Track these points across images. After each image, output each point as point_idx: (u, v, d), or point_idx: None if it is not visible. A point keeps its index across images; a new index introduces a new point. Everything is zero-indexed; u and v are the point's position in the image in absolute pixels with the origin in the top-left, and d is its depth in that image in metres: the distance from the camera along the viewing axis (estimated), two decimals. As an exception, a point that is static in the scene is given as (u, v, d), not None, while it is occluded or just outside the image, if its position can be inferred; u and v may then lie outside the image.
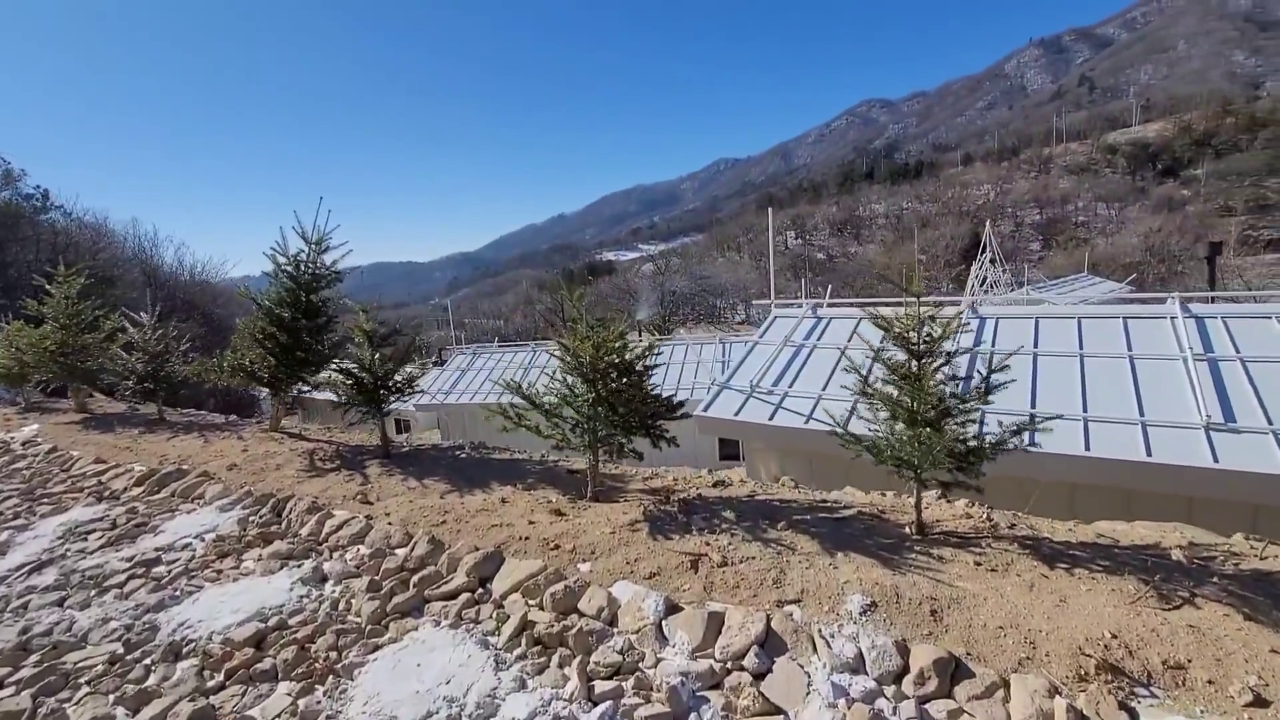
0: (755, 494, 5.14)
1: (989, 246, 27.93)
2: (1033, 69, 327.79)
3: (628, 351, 4.43)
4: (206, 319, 20.26)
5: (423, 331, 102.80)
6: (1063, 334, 6.83)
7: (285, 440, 7.64)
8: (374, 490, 5.42)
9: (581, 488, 5.03)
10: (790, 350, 8.00)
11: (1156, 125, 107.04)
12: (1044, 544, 3.81)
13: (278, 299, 6.59)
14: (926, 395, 3.74)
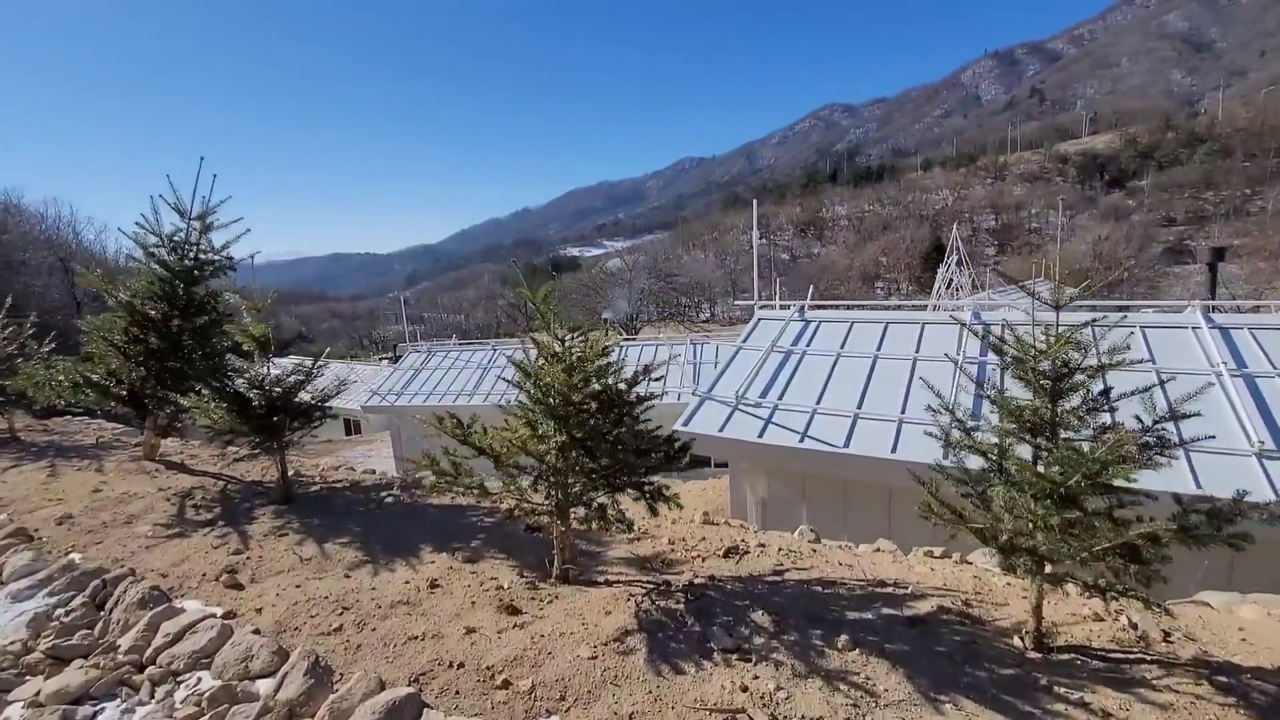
0: (783, 570, 4.02)
1: (955, 250, 27.94)
2: (987, 79, 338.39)
3: (615, 373, 3.38)
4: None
5: (379, 325, 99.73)
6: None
7: (160, 473, 6.05)
8: (252, 563, 4.00)
9: (545, 557, 3.89)
10: (778, 357, 7.25)
11: (1104, 137, 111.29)
12: (1237, 675, 2.68)
13: (145, 291, 5.08)
14: (1078, 460, 2.53)
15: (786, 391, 6.61)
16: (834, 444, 5.69)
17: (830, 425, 5.96)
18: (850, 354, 6.98)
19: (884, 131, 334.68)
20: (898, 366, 6.58)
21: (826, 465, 5.72)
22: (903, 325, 7.29)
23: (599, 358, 3.32)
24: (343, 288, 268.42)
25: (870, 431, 5.77)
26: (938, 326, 7.10)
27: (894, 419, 5.81)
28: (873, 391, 6.27)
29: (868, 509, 5.86)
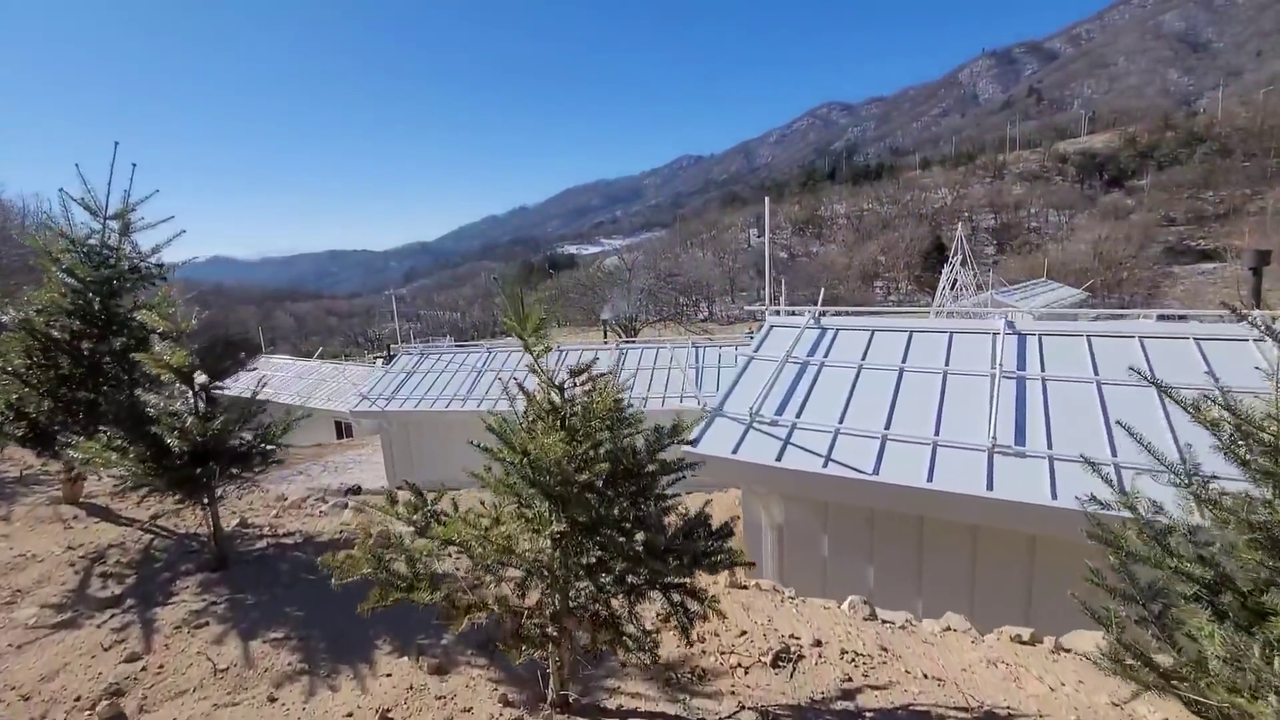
0: (854, 688, 3.14)
1: (960, 249, 27.43)
2: (985, 79, 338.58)
3: (633, 428, 2.61)
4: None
5: (375, 323, 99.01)
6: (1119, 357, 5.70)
7: (77, 523, 5.03)
8: (148, 677, 3.06)
9: (539, 668, 2.92)
10: (794, 369, 6.67)
11: (1103, 137, 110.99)
12: None
13: (52, 306, 4.17)
14: None
15: (805, 408, 6.04)
16: (861, 469, 5.12)
17: (855, 447, 5.40)
18: (873, 366, 6.41)
19: (882, 130, 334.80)
20: (927, 381, 6.01)
21: (852, 492, 5.16)
22: (929, 335, 6.72)
23: (611, 413, 2.55)
24: (339, 285, 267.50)
25: (901, 455, 5.21)
26: (969, 336, 6.54)
27: (927, 441, 5.25)
28: (901, 409, 5.71)
29: (897, 540, 5.30)
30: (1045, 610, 4.76)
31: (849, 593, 5.71)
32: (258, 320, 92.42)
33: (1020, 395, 5.53)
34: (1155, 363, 5.53)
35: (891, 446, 5.33)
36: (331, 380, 25.44)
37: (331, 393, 24.66)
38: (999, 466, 4.85)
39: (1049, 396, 5.44)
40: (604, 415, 2.45)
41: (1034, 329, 6.40)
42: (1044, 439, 4.99)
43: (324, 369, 28.81)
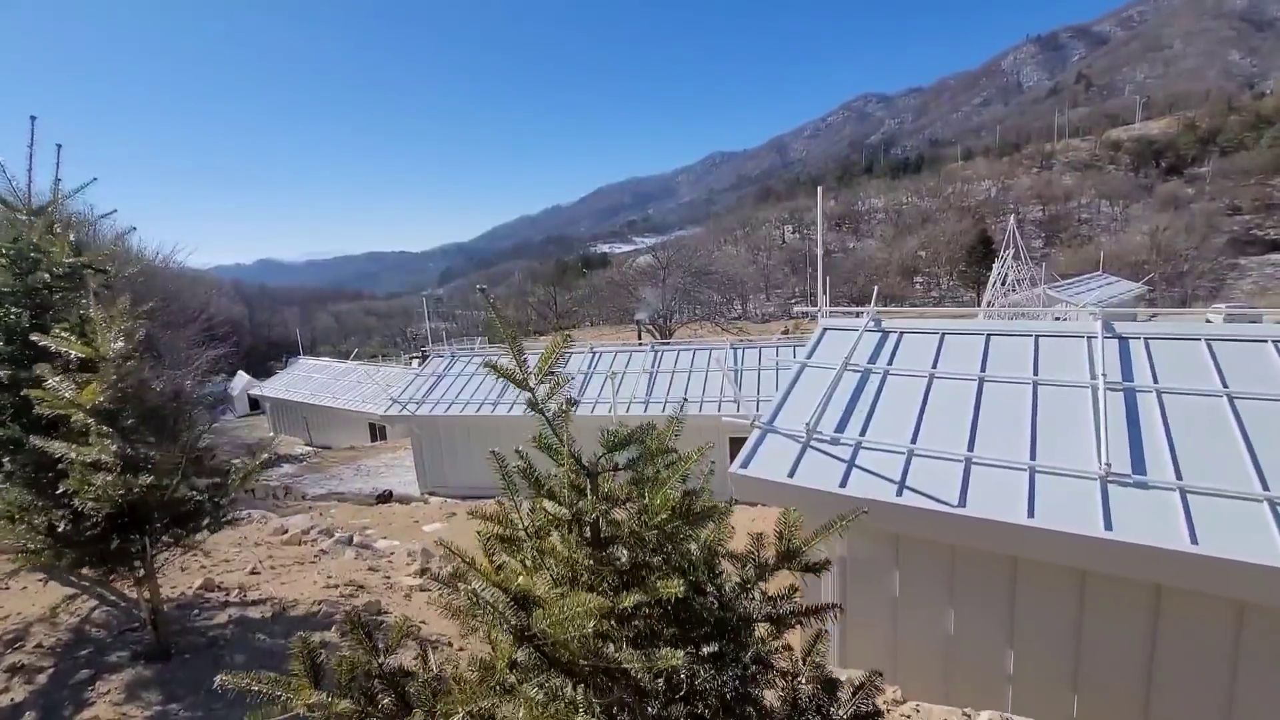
0: None
1: (1012, 242, 25.95)
2: (1029, 66, 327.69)
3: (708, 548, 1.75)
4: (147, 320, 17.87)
5: (412, 323, 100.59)
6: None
7: (14, 583, 4.26)
8: None
9: None
10: (854, 378, 5.93)
11: (1160, 123, 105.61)
12: None
13: None
14: None
15: (870, 424, 5.30)
16: (944, 500, 4.37)
17: (933, 472, 4.65)
18: (946, 375, 5.63)
19: (920, 122, 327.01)
20: (1013, 393, 5.21)
21: (931, 527, 4.42)
22: (1010, 338, 5.90)
23: (678, 517, 1.58)
24: (379, 285, 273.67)
25: (990, 483, 4.44)
26: (1058, 340, 5.70)
27: (1022, 466, 4.47)
28: (985, 427, 4.93)
29: (983, 581, 4.54)
30: (1172, 674, 3.97)
31: (922, 637, 4.99)
32: (299, 321, 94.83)
33: (1131, 411, 4.70)
34: None
35: (978, 472, 4.56)
36: (367, 382, 25.44)
37: (366, 394, 24.63)
38: (1115, 499, 4.06)
39: (1167, 413, 4.59)
40: (662, 515, 1.53)
41: (1137, 331, 5.53)
42: (1170, 466, 4.16)
43: (359, 370, 28.89)
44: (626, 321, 40.93)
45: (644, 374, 14.71)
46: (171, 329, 20.89)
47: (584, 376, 15.03)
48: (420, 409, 15.30)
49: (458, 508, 12.08)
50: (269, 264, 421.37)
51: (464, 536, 7.99)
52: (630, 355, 15.74)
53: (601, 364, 15.43)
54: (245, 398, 37.69)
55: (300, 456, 22.00)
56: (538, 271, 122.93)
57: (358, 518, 10.69)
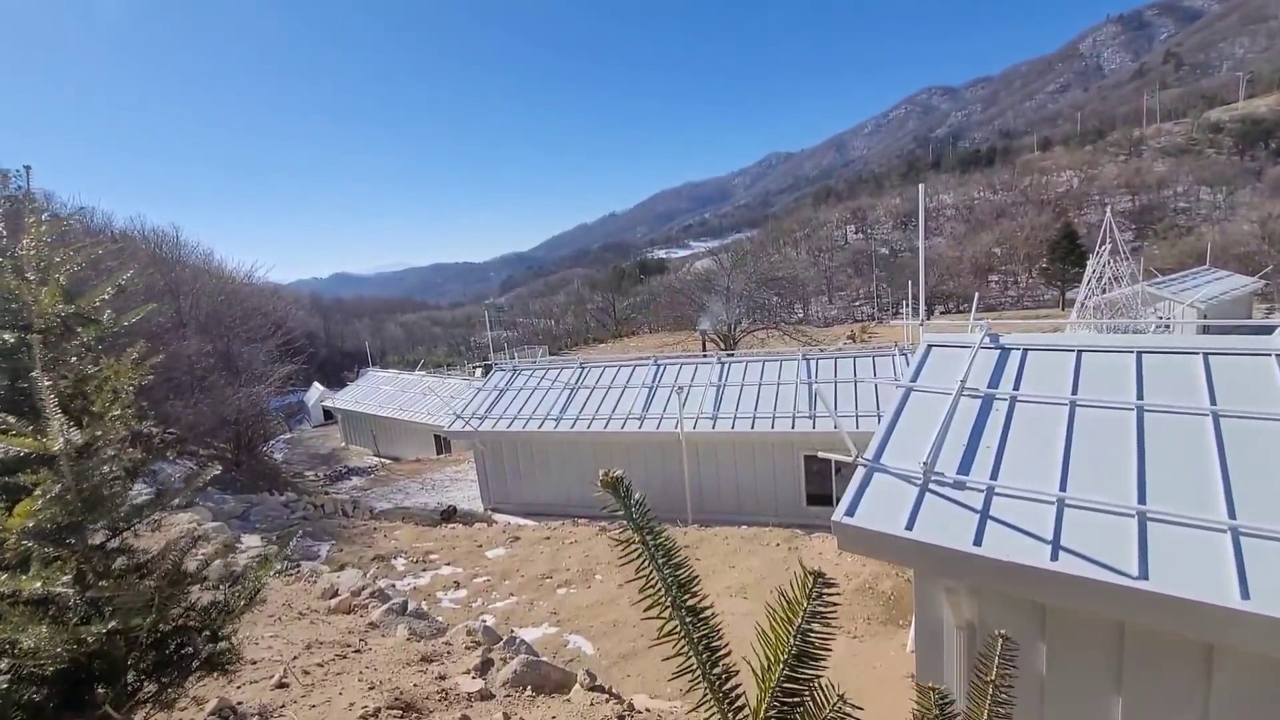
0: None
1: (1110, 236, 23.82)
2: (1110, 47, 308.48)
3: None
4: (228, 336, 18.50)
5: (475, 332, 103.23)
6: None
7: None
8: None
9: None
10: (972, 405, 5.09)
11: (1268, 99, 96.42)
12: None
13: None
14: None
15: (1001, 464, 4.46)
16: (1117, 568, 3.52)
17: (1095, 529, 3.79)
18: (1092, 403, 4.71)
19: (990, 113, 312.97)
20: (1185, 426, 4.26)
21: (1101, 600, 3.56)
22: (1167, 356, 4.93)
23: None
24: (443, 296, 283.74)
25: (1176, 548, 3.55)
26: (1230, 359, 4.69)
27: (1219, 526, 3.56)
28: (1155, 470, 4.02)
29: (1164, 670, 3.64)
30: None
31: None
32: (370, 332, 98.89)
33: None
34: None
35: (1157, 531, 3.67)
36: (433, 393, 25.77)
37: (431, 407, 24.93)
38: (1364, 578, 3.11)
39: None
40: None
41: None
42: None
43: (425, 381, 29.38)
44: (686, 327, 40.19)
45: (711, 387, 14.02)
46: (251, 343, 21.70)
47: (649, 390, 14.47)
48: (483, 424, 15.12)
49: (521, 529, 11.72)
50: (342, 277, 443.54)
51: (529, 564, 7.48)
52: (696, 367, 15.09)
53: (666, 377, 14.84)
54: (320, 409, 39.14)
55: (369, 468, 22.41)
56: (596, 279, 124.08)
57: (421, 541, 10.47)
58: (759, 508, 12.92)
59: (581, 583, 8.95)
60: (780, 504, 12.87)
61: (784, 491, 12.90)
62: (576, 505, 14.32)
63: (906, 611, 7.26)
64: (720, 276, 35.30)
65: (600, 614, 7.94)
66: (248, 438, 18.08)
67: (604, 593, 8.56)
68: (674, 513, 13.24)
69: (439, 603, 8.34)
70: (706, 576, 8.93)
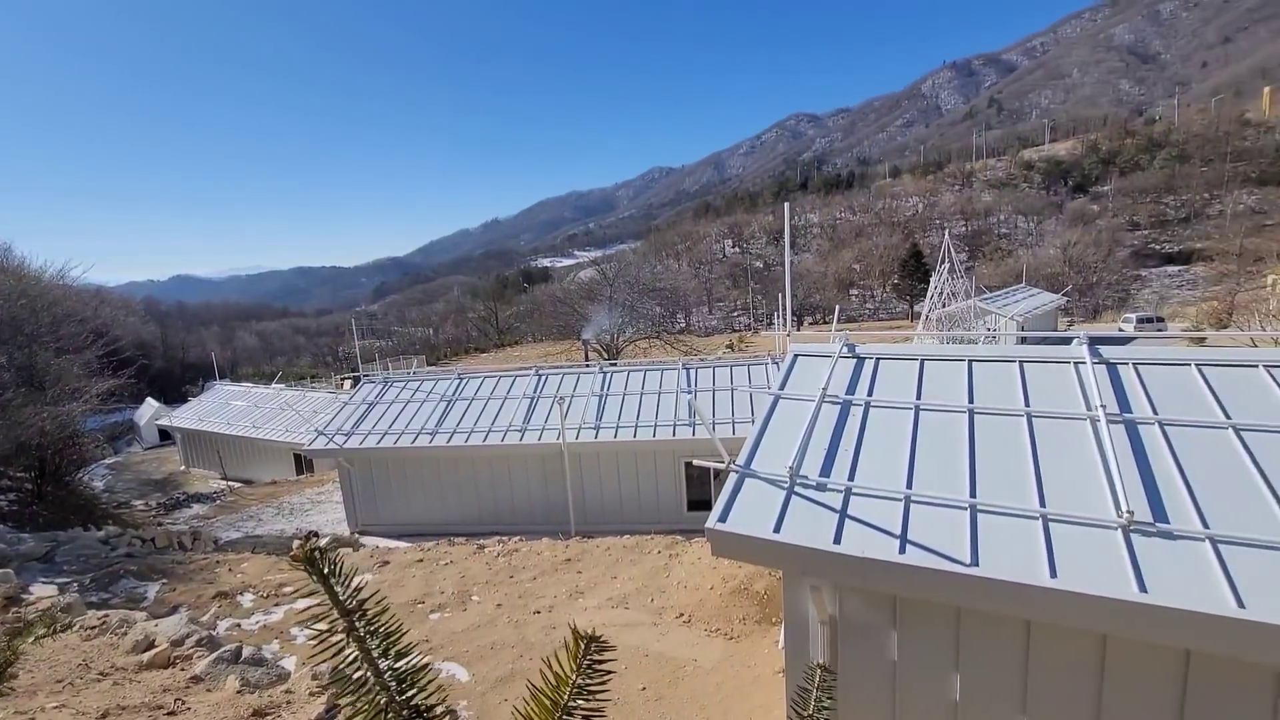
0: None
1: (948, 256, 26.76)
2: (946, 90, 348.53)
3: None
4: (30, 346, 15.64)
5: (344, 341, 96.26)
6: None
7: None
8: None
9: None
10: (833, 411, 5.42)
11: (1065, 144, 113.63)
12: None
13: None
14: None
15: (858, 465, 4.78)
16: (953, 557, 3.86)
17: (936, 522, 4.14)
18: (933, 406, 5.19)
19: (849, 140, 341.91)
20: (1007, 426, 4.80)
21: (940, 589, 3.89)
22: (994, 364, 5.55)
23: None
24: (307, 302, 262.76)
25: (1001, 536, 3.96)
26: (1043, 366, 5.37)
27: (1034, 514, 4.02)
28: (984, 467, 4.48)
29: (992, 646, 4.04)
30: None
31: (925, 706, 4.46)
32: (219, 341, 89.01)
33: (1136, 446, 4.34)
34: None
35: (986, 521, 4.08)
36: (292, 408, 23.56)
37: (290, 423, 22.79)
38: (1142, 553, 3.63)
39: (1176, 449, 4.25)
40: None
41: (1125, 356, 5.25)
42: (1192, 511, 3.79)
43: (284, 395, 26.86)
44: (570, 337, 40.01)
45: (593, 397, 13.98)
46: (63, 355, 18.64)
47: (530, 401, 14.15)
48: (349, 441, 14.02)
49: (391, 552, 10.95)
50: (185, 280, 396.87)
51: (399, 589, 7.02)
52: (579, 377, 14.99)
53: (548, 387, 14.61)
54: (154, 428, 34.52)
55: (214, 494, 20.03)
56: (477, 286, 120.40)
57: (273, 573, 9.44)
58: (642, 516, 13.03)
59: (457, 605, 8.50)
60: (662, 511, 13.06)
61: (666, 498, 13.10)
62: (454, 524, 13.66)
63: (779, 609, 7.58)
64: (604, 286, 35.57)
65: (477, 637, 7.58)
66: (54, 464, 15.47)
67: (481, 614, 8.19)
68: (557, 525, 13.02)
69: (293, 640, 7.55)
70: (589, 588, 8.81)
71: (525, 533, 12.67)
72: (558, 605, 8.31)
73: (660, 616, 7.79)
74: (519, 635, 7.53)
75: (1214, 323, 31.27)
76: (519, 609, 8.27)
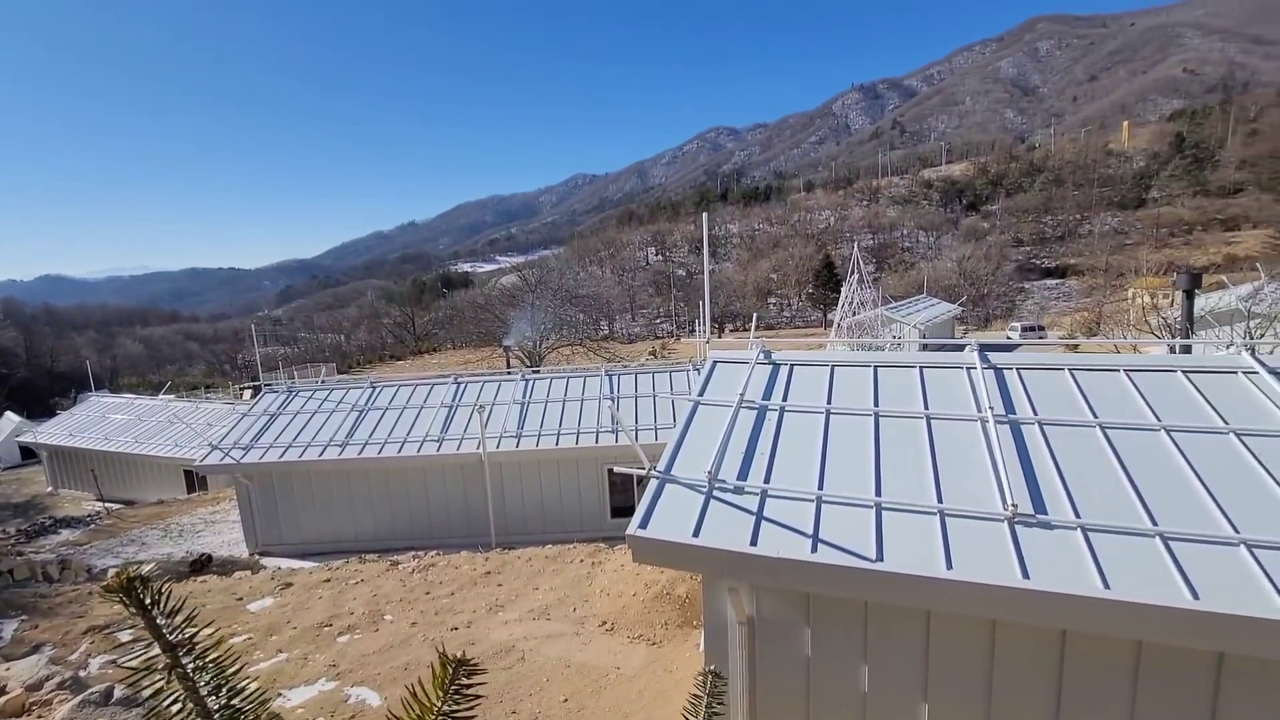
0: None
1: (857, 268, 28.24)
2: (855, 110, 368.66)
3: None
4: None
5: (244, 348, 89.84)
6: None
7: None
8: None
9: None
10: (750, 416, 5.58)
11: (959, 166, 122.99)
12: None
13: None
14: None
15: (774, 468, 4.93)
16: (861, 554, 4.05)
17: (845, 521, 4.34)
18: (842, 410, 5.45)
19: (766, 154, 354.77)
20: (908, 428, 5.11)
21: (849, 585, 4.07)
22: (897, 369, 5.89)
23: None
24: (202, 306, 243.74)
25: (904, 532, 4.20)
26: (940, 372, 5.75)
27: (931, 510, 4.28)
28: (890, 468, 4.74)
29: (898, 637, 4.27)
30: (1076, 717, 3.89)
31: (836, 697, 4.64)
32: (96, 348, 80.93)
33: (1020, 445, 4.73)
34: (1151, 400, 4.93)
35: (890, 519, 4.31)
36: (182, 421, 21.66)
37: (181, 437, 20.97)
38: (1025, 542, 3.95)
39: (1053, 446, 4.66)
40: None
41: (1009, 361, 5.71)
42: (1066, 502, 4.15)
43: (174, 407, 24.69)
44: (492, 344, 39.15)
45: (515, 405, 13.72)
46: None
47: (449, 410, 13.71)
48: (248, 455, 13.05)
49: (295, 573, 10.27)
50: (55, 281, 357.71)
51: (303, 612, 6.61)
52: (500, 385, 14.67)
53: (468, 395, 14.20)
54: (14, 445, 30.83)
55: (88, 517, 18.09)
56: (393, 291, 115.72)
57: (159, 601, 8.63)
58: (565, 524, 12.89)
59: (368, 626, 8.08)
60: (585, 519, 12.97)
61: (589, 506, 13.02)
62: (367, 540, 13.00)
63: (700, 613, 7.69)
64: (527, 292, 35.07)
65: (390, 658, 7.22)
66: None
67: (395, 634, 7.81)
68: (477, 537, 12.65)
69: (181, 674, 6.92)
70: (509, 601, 8.61)
71: (443, 546, 12.23)
72: (476, 620, 8.06)
73: (583, 626, 7.72)
74: (435, 654, 7.23)
75: (1085, 331, 34.64)
76: (435, 626, 7.97)
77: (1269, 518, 3.83)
